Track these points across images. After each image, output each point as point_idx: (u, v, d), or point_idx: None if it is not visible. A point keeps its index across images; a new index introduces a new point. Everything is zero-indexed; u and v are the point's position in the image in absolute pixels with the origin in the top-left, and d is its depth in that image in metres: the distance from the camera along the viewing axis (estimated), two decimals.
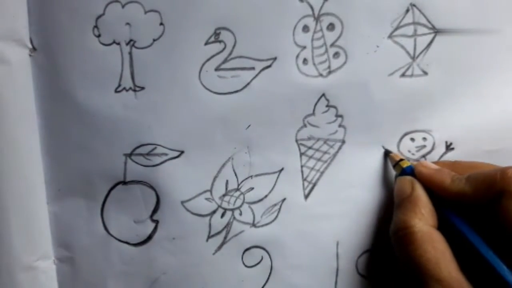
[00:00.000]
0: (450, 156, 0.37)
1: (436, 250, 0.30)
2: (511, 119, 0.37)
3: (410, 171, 0.34)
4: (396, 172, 0.36)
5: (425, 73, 0.36)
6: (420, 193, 0.32)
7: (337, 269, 0.37)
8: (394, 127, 0.36)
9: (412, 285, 0.30)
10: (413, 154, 0.37)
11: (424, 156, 0.37)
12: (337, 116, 0.36)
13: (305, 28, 0.35)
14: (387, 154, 0.36)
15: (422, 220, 0.31)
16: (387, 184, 0.37)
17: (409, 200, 0.32)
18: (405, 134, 0.36)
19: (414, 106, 0.36)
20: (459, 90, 0.36)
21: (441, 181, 0.32)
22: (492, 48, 0.36)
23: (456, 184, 0.31)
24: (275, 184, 0.36)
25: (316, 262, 0.37)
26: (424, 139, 0.37)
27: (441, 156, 0.37)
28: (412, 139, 0.37)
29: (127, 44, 0.34)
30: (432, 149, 0.37)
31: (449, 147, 0.37)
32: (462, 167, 0.34)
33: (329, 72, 0.35)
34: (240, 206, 0.36)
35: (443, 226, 0.31)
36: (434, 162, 0.35)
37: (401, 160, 0.35)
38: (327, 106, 0.36)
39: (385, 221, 0.36)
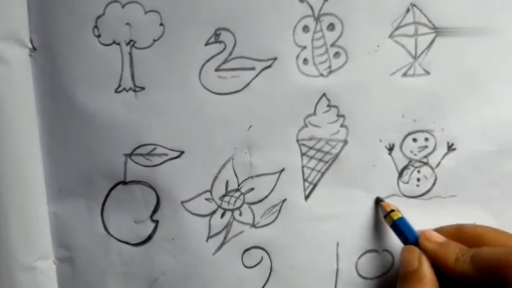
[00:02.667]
0: (452, 156, 0.37)
1: None
2: None
3: (413, 240, 0.34)
4: (387, 223, 0.36)
5: (427, 72, 0.36)
6: (427, 270, 0.32)
7: (337, 270, 0.37)
8: (397, 127, 0.37)
9: None
10: (415, 154, 0.37)
11: (426, 156, 0.37)
12: (339, 116, 0.36)
13: (305, 28, 0.35)
14: (378, 202, 0.37)
15: None
16: (389, 186, 0.37)
17: (416, 277, 0.32)
18: (408, 135, 0.37)
19: (416, 106, 0.36)
20: (461, 89, 0.37)
21: (445, 259, 0.32)
22: (494, 47, 0.36)
23: (461, 264, 0.31)
24: (275, 185, 0.36)
25: (316, 263, 0.37)
26: (426, 139, 0.37)
27: (443, 156, 0.37)
28: (415, 140, 0.37)
29: (127, 44, 0.35)
30: (434, 149, 0.37)
31: (450, 148, 0.37)
32: (467, 233, 0.34)
33: (330, 72, 0.36)
34: (240, 206, 0.36)
35: None
36: (437, 230, 0.35)
37: (392, 211, 0.35)
38: (328, 106, 0.36)
39: (386, 223, 0.36)
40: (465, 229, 0.35)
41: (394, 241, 0.36)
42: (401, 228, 0.35)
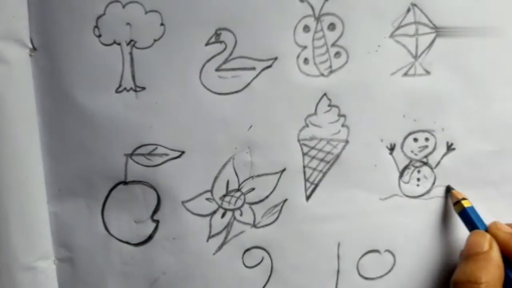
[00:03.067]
0: (451, 157, 0.37)
1: None
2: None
3: (484, 228, 0.36)
4: (456, 210, 0.37)
5: (428, 72, 0.37)
6: (497, 255, 0.34)
7: (338, 271, 0.37)
8: (398, 126, 0.37)
9: None
10: (416, 154, 0.37)
11: (426, 156, 0.37)
12: (340, 115, 0.37)
13: (306, 28, 0.36)
14: (448, 190, 0.38)
15: (492, 281, 0.33)
16: (390, 186, 0.37)
17: (485, 258, 0.33)
18: (409, 134, 0.37)
19: (417, 105, 0.37)
20: (461, 89, 0.37)
21: None
22: (494, 47, 0.37)
23: None
24: (276, 185, 0.37)
25: (316, 263, 0.37)
26: (427, 139, 0.37)
27: (442, 156, 0.37)
28: (415, 139, 0.37)
29: (127, 44, 0.35)
30: (434, 149, 0.37)
31: (450, 148, 0.37)
32: None
33: (331, 72, 0.36)
34: (241, 206, 0.37)
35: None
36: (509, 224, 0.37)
37: (463, 199, 0.36)
38: (329, 105, 0.36)
39: (388, 223, 0.37)
40: None
41: (396, 241, 0.37)
42: (471, 216, 0.36)
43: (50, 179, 0.36)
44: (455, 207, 0.37)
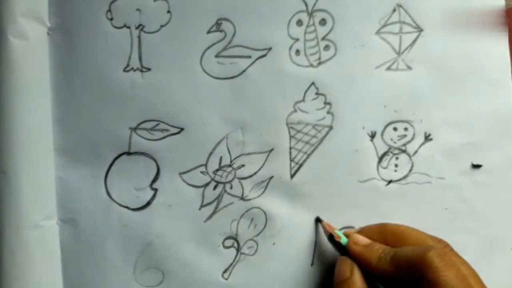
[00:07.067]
0: (429, 146, 0.39)
1: None
2: (486, 115, 0.39)
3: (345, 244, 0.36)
4: (326, 235, 0.38)
5: (409, 67, 0.38)
6: (357, 279, 0.34)
7: (316, 242, 0.39)
8: (379, 116, 0.39)
9: None
10: (395, 142, 0.39)
11: (404, 144, 0.39)
12: (326, 103, 0.38)
13: (299, 22, 0.38)
14: (318, 221, 0.39)
15: None
16: (369, 170, 0.39)
17: (348, 284, 0.34)
18: (389, 124, 0.39)
19: (398, 97, 0.39)
20: (440, 85, 0.39)
21: (370, 260, 0.34)
22: (473, 47, 0.39)
23: (382, 263, 0.33)
24: (264, 163, 0.39)
25: (296, 235, 0.39)
26: (406, 129, 0.39)
27: (420, 145, 0.39)
28: (395, 129, 0.39)
29: (136, 28, 0.37)
30: (412, 138, 0.39)
31: (427, 138, 0.39)
32: (389, 231, 0.36)
33: (319, 63, 0.38)
34: (231, 180, 0.39)
35: None
36: (363, 229, 0.37)
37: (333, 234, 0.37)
38: (316, 94, 0.38)
39: (364, 204, 0.39)
40: (388, 228, 0.36)
41: (369, 221, 0.38)
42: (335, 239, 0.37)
43: (59, 147, 0.38)
44: (325, 233, 0.38)
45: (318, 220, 0.39)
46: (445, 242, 0.35)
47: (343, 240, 0.37)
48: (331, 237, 0.37)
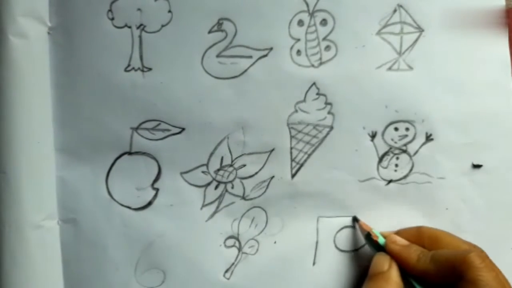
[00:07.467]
0: (429, 146, 0.39)
1: None
2: (486, 115, 0.39)
3: (382, 243, 0.37)
4: (362, 234, 0.38)
5: (411, 68, 0.38)
6: (395, 274, 0.35)
7: (317, 242, 0.39)
8: (380, 116, 0.39)
9: None
10: (395, 142, 0.39)
11: (405, 144, 0.39)
12: (327, 103, 0.38)
13: (300, 22, 0.38)
14: (355, 220, 0.39)
15: None
16: (369, 170, 0.39)
17: (383, 277, 0.35)
18: (390, 124, 0.39)
19: (399, 97, 0.38)
20: (441, 85, 0.39)
21: (408, 259, 0.35)
22: (474, 47, 0.39)
23: (422, 262, 0.34)
24: (265, 163, 0.39)
25: (298, 234, 0.39)
26: (407, 129, 0.39)
27: (421, 145, 0.39)
28: (396, 129, 0.39)
29: (137, 28, 0.37)
30: (413, 138, 0.39)
31: (428, 138, 0.39)
32: (425, 234, 0.37)
33: (320, 63, 0.38)
34: (233, 180, 0.39)
35: None
36: (400, 231, 0.38)
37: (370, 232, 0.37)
38: (317, 94, 0.38)
39: (364, 203, 0.39)
40: (425, 231, 0.37)
41: (368, 219, 0.39)
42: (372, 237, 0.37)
43: (60, 146, 0.38)
44: (362, 232, 0.38)
45: (355, 220, 0.39)
46: (481, 248, 0.35)
47: (381, 239, 0.37)
48: (368, 236, 0.37)
